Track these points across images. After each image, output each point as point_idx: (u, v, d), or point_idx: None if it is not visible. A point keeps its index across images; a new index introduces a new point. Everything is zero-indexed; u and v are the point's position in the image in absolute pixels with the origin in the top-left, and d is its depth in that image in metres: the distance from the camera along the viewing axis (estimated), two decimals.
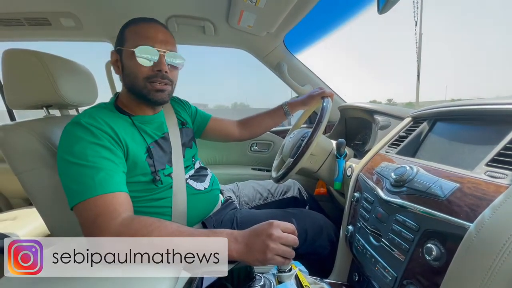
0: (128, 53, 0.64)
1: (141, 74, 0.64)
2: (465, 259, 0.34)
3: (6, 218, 1.23)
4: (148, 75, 0.65)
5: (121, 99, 0.72)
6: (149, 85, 0.65)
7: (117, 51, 0.67)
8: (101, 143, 0.57)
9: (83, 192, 0.52)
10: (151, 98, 0.67)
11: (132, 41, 0.64)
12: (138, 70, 0.64)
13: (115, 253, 0.48)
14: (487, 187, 0.39)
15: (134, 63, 0.63)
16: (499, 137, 0.46)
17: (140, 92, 0.66)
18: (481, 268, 0.31)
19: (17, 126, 0.70)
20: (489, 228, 0.32)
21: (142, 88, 0.66)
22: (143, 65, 0.64)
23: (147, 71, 0.64)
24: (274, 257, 0.49)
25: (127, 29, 0.66)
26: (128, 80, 0.67)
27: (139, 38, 0.64)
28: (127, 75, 0.67)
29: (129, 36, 0.65)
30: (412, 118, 0.75)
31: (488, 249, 0.31)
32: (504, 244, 0.30)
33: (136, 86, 0.66)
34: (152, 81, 0.65)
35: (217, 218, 0.80)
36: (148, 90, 0.66)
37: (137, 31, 0.65)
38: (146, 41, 0.64)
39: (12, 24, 1.10)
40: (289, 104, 1.03)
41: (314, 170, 0.95)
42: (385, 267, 0.51)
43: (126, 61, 0.66)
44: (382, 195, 0.56)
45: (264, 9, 0.91)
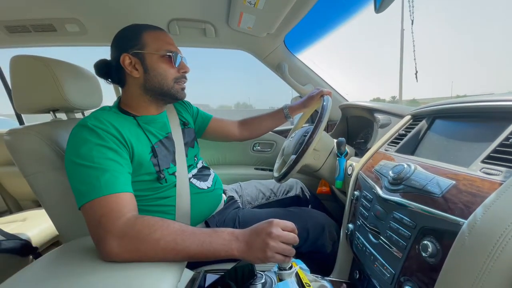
0: (155, 57, 0.69)
1: (171, 75, 0.71)
2: (459, 258, 0.34)
3: (15, 219, 1.27)
4: (176, 76, 0.73)
5: (125, 101, 0.73)
6: (177, 85, 0.73)
7: (134, 54, 0.68)
8: (107, 144, 0.58)
9: (89, 193, 0.53)
10: (179, 96, 0.75)
11: (155, 46, 0.69)
12: (168, 72, 0.71)
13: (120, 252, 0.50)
14: (482, 184, 0.40)
15: (164, 66, 0.70)
16: (495, 134, 0.46)
17: (168, 92, 0.72)
18: (474, 266, 0.32)
19: (25, 130, 0.72)
20: (481, 227, 0.32)
21: (171, 88, 0.72)
22: (173, 68, 0.71)
23: (175, 72, 0.72)
24: (274, 255, 0.50)
25: (143, 34, 0.69)
26: (155, 81, 0.70)
27: (162, 43, 0.70)
28: (154, 77, 0.70)
29: (149, 41, 0.69)
30: (411, 116, 0.75)
31: (480, 247, 0.31)
32: (496, 242, 0.30)
33: (164, 86, 0.71)
34: (178, 82, 0.74)
35: (220, 217, 0.81)
36: (176, 89, 0.73)
37: (158, 37, 0.71)
38: (170, 46, 0.71)
39: (18, 31, 1.13)
40: (289, 107, 1.04)
41: (316, 167, 0.95)
42: (383, 264, 0.52)
43: (152, 64, 0.69)
44: (381, 193, 0.57)
45: (263, 11, 0.92)
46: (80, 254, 0.54)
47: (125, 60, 0.68)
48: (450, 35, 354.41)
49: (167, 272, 0.49)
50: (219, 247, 0.52)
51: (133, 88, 0.72)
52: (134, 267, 0.49)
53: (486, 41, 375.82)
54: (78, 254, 0.55)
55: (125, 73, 0.70)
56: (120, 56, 0.68)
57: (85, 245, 0.58)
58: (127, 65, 0.68)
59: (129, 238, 0.50)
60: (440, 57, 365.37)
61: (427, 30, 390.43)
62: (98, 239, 0.51)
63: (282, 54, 1.31)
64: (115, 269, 0.48)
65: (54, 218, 0.78)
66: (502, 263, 0.30)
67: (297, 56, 1.35)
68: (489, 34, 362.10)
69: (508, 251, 0.29)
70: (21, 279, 0.48)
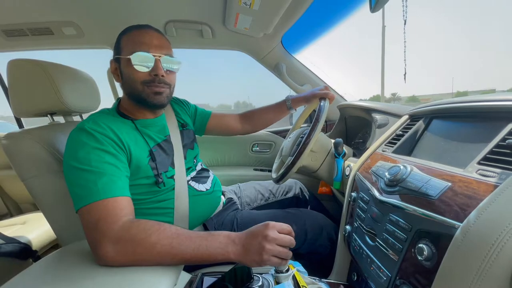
0: (125, 61, 0.66)
1: (139, 79, 0.66)
2: (453, 262, 0.34)
3: (15, 222, 1.27)
4: (145, 80, 0.67)
5: (123, 104, 0.73)
6: (147, 88, 0.67)
7: (115, 60, 0.70)
8: (104, 148, 0.58)
9: (86, 197, 0.53)
10: (150, 101, 0.68)
11: (128, 49, 0.66)
12: (135, 76, 0.66)
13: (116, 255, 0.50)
14: (478, 186, 0.39)
15: (131, 69, 0.65)
16: (492, 135, 0.45)
17: (139, 96, 0.68)
18: (469, 270, 0.31)
19: (22, 133, 0.72)
20: (475, 232, 0.32)
21: (141, 92, 0.67)
22: (140, 71, 0.66)
23: (144, 76, 0.66)
24: (270, 258, 0.50)
25: (122, 38, 0.68)
26: (127, 86, 0.69)
27: (134, 44, 0.66)
28: (126, 82, 0.69)
29: (124, 44, 0.67)
30: (409, 116, 0.75)
31: (475, 252, 0.31)
32: (491, 247, 0.30)
33: (135, 90, 0.68)
34: (149, 85, 0.67)
35: (218, 219, 0.81)
36: (146, 93, 0.67)
37: (132, 39, 0.67)
38: (141, 47, 0.65)
39: (15, 35, 1.13)
40: (292, 99, 1.03)
41: (314, 168, 0.95)
42: (380, 267, 0.51)
43: (124, 68, 0.67)
44: (377, 195, 0.56)
45: (259, 11, 0.92)
46: (78, 258, 0.55)
47: (112, 66, 0.70)
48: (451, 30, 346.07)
49: (164, 275, 0.49)
50: (216, 250, 0.52)
51: (124, 93, 0.72)
52: (131, 270, 0.49)
53: (487, 36, 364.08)
54: (76, 257, 0.55)
55: None
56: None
57: (82, 248, 0.58)
58: (113, 71, 0.70)
59: (125, 242, 0.50)
60: (440, 53, 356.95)
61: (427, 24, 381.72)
62: (94, 243, 0.51)
63: (279, 54, 1.30)
64: (112, 273, 0.48)
65: (52, 222, 0.78)
66: (497, 267, 0.29)
67: (295, 56, 1.34)
68: (491, 28, 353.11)
69: (503, 255, 0.29)
70: (20, 282, 0.48)
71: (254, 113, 1.07)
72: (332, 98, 0.94)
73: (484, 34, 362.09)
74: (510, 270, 0.29)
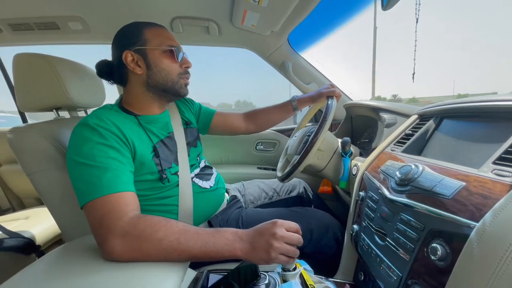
0: (157, 52, 0.69)
1: (175, 70, 0.71)
2: (468, 264, 0.33)
3: (19, 217, 1.27)
4: (180, 71, 0.72)
5: (127, 100, 0.73)
6: (181, 80, 0.73)
7: (136, 51, 0.68)
8: (108, 143, 0.58)
9: (90, 192, 0.53)
10: (182, 92, 0.74)
11: (157, 41, 0.69)
12: (172, 67, 0.70)
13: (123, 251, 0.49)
14: (493, 186, 0.39)
15: (166, 60, 0.69)
16: (507, 135, 0.45)
17: (172, 88, 0.72)
18: (485, 271, 0.31)
19: (28, 128, 0.72)
20: (491, 234, 0.31)
21: (175, 83, 0.72)
22: (176, 62, 0.71)
23: (178, 67, 0.72)
24: (278, 256, 0.50)
25: (144, 31, 0.69)
26: (158, 77, 0.70)
27: (164, 38, 0.70)
28: (158, 72, 0.69)
29: (151, 37, 0.69)
30: (418, 115, 0.74)
31: (491, 254, 0.30)
32: (507, 249, 0.29)
33: (169, 81, 0.71)
34: (183, 77, 0.73)
35: (223, 217, 0.81)
36: (180, 84, 0.73)
37: (159, 33, 0.70)
38: (171, 41, 0.71)
39: (21, 29, 1.13)
40: (298, 99, 1.02)
41: (320, 167, 0.94)
42: (390, 266, 0.51)
43: (154, 59, 0.69)
44: (387, 194, 0.55)
45: (267, 8, 0.91)
46: (83, 253, 0.54)
47: (128, 57, 0.68)
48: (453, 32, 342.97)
49: (170, 272, 0.49)
50: (223, 247, 0.51)
51: (136, 85, 0.71)
52: (138, 266, 0.49)
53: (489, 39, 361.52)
54: (81, 253, 0.55)
55: (127, 71, 0.70)
56: (122, 54, 0.67)
57: (88, 244, 0.58)
58: (129, 62, 0.68)
59: (132, 237, 0.50)
60: (441, 55, 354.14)
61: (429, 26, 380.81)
62: (100, 238, 0.51)
63: (286, 53, 1.29)
64: (118, 269, 0.48)
65: (57, 217, 0.78)
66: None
67: (301, 55, 1.33)
68: (492, 31, 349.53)
69: None
70: (24, 278, 0.47)
71: (259, 113, 1.06)
72: (339, 95, 0.94)
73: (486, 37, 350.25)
74: None
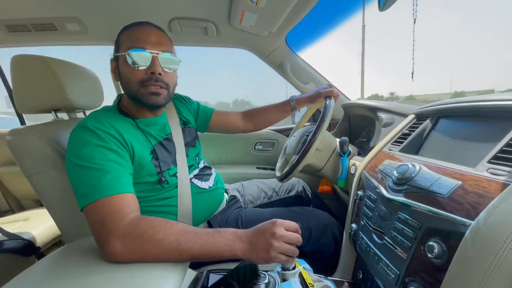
0: (122, 59, 0.65)
1: (135, 78, 0.64)
2: (463, 261, 0.34)
3: (18, 219, 1.27)
4: (142, 79, 0.64)
5: (123, 103, 0.73)
6: (143, 88, 0.64)
7: (114, 58, 0.68)
8: (107, 146, 0.58)
9: (91, 194, 0.53)
10: (146, 101, 0.66)
11: (124, 46, 0.64)
12: (132, 74, 0.64)
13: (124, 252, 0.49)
14: (488, 185, 0.39)
15: (128, 67, 0.63)
16: (502, 134, 0.45)
17: (135, 96, 0.66)
18: (480, 269, 0.31)
19: (26, 129, 0.72)
20: (485, 232, 0.32)
21: (136, 92, 0.65)
22: (136, 69, 0.63)
23: (141, 74, 0.64)
24: (277, 255, 0.50)
25: (121, 36, 0.67)
26: (124, 86, 0.68)
27: (131, 42, 0.64)
28: (123, 81, 0.67)
29: (122, 41, 0.66)
30: (415, 115, 0.74)
31: (485, 252, 0.31)
32: (501, 246, 0.30)
33: (131, 90, 0.66)
34: (146, 85, 0.64)
35: (222, 217, 0.81)
36: (142, 93, 0.65)
37: (129, 36, 0.65)
38: (138, 44, 0.63)
39: (19, 30, 1.12)
40: (296, 99, 1.03)
41: (319, 167, 0.95)
42: (388, 264, 0.51)
43: (121, 67, 0.66)
44: (385, 193, 0.56)
45: (265, 9, 0.92)
46: (83, 255, 0.54)
47: (112, 66, 0.69)
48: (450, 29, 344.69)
49: (171, 272, 0.49)
50: (223, 247, 0.51)
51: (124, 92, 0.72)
52: (138, 267, 0.49)
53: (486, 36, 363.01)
54: (81, 254, 0.55)
55: None
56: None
57: (88, 245, 0.58)
58: (112, 70, 0.69)
59: (132, 238, 0.50)
60: (438, 52, 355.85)
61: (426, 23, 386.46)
62: (101, 240, 0.51)
63: (284, 53, 1.30)
64: (118, 270, 0.48)
65: (57, 218, 0.78)
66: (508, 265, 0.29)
67: (299, 55, 1.34)
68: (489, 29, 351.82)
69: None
70: (25, 280, 0.48)
71: (257, 112, 1.07)
72: (337, 95, 0.94)
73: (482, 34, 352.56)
74: None
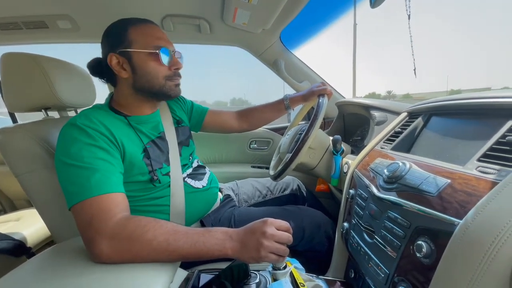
0: (143, 55, 0.65)
1: (161, 73, 0.68)
2: (452, 260, 0.34)
3: (9, 219, 1.25)
4: (168, 74, 0.69)
5: (117, 100, 0.72)
6: (169, 82, 0.70)
7: (121, 53, 0.65)
8: (97, 144, 0.57)
9: (79, 194, 0.52)
10: (172, 93, 0.71)
11: (143, 42, 0.65)
12: (158, 70, 0.67)
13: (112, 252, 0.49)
14: (477, 183, 0.39)
15: (153, 64, 0.66)
16: (492, 132, 0.45)
17: (160, 91, 0.69)
18: (468, 268, 0.31)
19: (16, 128, 0.71)
20: (473, 231, 0.31)
21: (162, 87, 0.69)
22: (163, 65, 0.67)
23: (165, 70, 0.69)
24: (268, 254, 0.50)
25: (130, 31, 0.66)
26: (144, 81, 0.67)
27: (151, 38, 0.66)
28: (143, 76, 0.67)
29: (136, 37, 0.65)
30: (408, 113, 0.74)
31: (474, 251, 0.31)
32: (491, 245, 0.29)
33: (155, 85, 0.68)
34: (171, 79, 0.70)
35: (215, 216, 0.81)
36: (168, 87, 0.70)
37: (145, 33, 0.66)
38: (159, 41, 0.67)
39: (10, 28, 1.10)
40: (290, 98, 1.03)
41: (312, 165, 0.95)
42: (378, 264, 0.51)
43: (140, 62, 0.66)
44: (376, 192, 0.56)
45: (257, 6, 0.91)
46: (73, 255, 0.54)
47: (112, 60, 0.65)
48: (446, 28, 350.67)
49: (160, 272, 0.48)
50: (213, 246, 0.51)
51: (124, 88, 0.70)
52: (127, 267, 0.49)
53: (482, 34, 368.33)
54: (71, 254, 0.54)
55: (114, 73, 0.68)
56: (107, 56, 0.65)
57: (78, 245, 0.57)
58: (114, 66, 0.66)
59: (121, 239, 0.49)
60: (435, 50, 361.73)
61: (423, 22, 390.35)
62: (89, 240, 0.50)
63: (278, 51, 1.29)
64: (107, 270, 0.48)
65: (46, 218, 0.77)
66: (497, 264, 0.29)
67: (294, 53, 1.33)
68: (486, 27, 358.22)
69: (503, 252, 0.29)
70: (12, 279, 0.47)
71: (252, 111, 1.07)
72: (330, 93, 0.94)
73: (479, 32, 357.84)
74: (510, 267, 0.29)
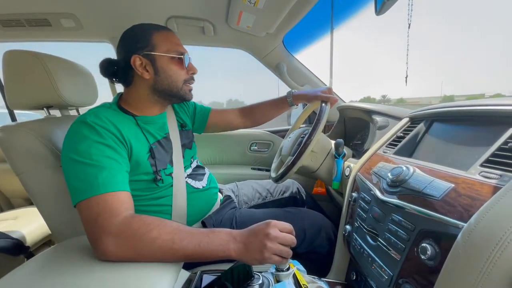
0: (165, 58, 0.69)
1: (181, 77, 0.72)
2: (456, 263, 0.34)
3: (7, 217, 1.24)
4: (186, 78, 0.73)
5: (127, 100, 0.72)
6: (185, 86, 0.74)
7: (145, 55, 0.68)
8: (105, 142, 0.58)
9: (85, 191, 0.52)
10: (187, 97, 0.75)
11: (166, 47, 0.69)
12: (179, 74, 0.71)
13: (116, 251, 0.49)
14: (481, 188, 0.40)
15: (174, 67, 0.70)
16: (494, 138, 0.46)
17: (177, 93, 0.73)
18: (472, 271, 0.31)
19: (18, 126, 0.70)
20: (477, 235, 0.32)
21: (180, 90, 0.73)
22: (184, 69, 0.72)
23: (184, 74, 0.73)
24: (271, 256, 0.50)
25: (154, 35, 0.69)
26: (165, 83, 0.70)
27: (172, 44, 0.70)
28: (164, 78, 0.70)
29: (159, 42, 0.69)
30: (409, 118, 0.75)
31: (477, 254, 0.31)
32: (494, 249, 0.30)
33: (174, 88, 0.72)
34: (187, 83, 0.74)
35: (216, 217, 0.81)
36: (184, 91, 0.74)
37: (168, 38, 0.70)
38: (179, 47, 0.72)
39: (12, 25, 1.10)
40: (293, 95, 1.02)
41: (314, 168, 0.95)
42: (381, 266, 0.52)
43: (163, 65, 0.69)
44: (379, 195, 0.57)
45: (263, 10, 0.92)
46: (74, 254, 0.53)
47: (136, 62, 0.67)
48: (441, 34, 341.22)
49: (164, 272, 0.48)
50: (217, 247, 0.51)
51: (141, 88, 0.71)
52: (130, 267, 0.48)
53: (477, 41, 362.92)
54: (72, 254, 0.54)
55: (133, 74, 0.70)
56: (130, 57, 0.67)
57: (78, 245, 0.57)
58: (138, 67, 0.68)
59: (126, 236, 0.49)
60: (429, 56, 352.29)
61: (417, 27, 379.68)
62: (94, 237, 0.50)
63: (281, 54, 1.30)
64: (110, 270, 0.47)
65: (47, 217, 0.76)
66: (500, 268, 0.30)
67: (296, 56, 1.35)
68: (480, 33, 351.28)
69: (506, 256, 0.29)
70: (14, 279, 0.47)
71: (255, 108, 1.08)
72: (334, 102, 0.92)
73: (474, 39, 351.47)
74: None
